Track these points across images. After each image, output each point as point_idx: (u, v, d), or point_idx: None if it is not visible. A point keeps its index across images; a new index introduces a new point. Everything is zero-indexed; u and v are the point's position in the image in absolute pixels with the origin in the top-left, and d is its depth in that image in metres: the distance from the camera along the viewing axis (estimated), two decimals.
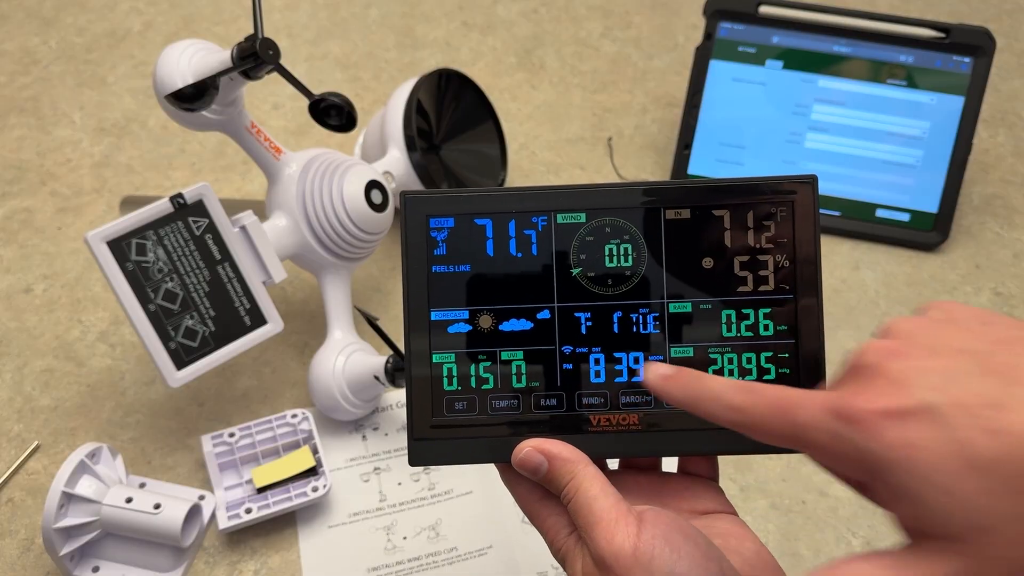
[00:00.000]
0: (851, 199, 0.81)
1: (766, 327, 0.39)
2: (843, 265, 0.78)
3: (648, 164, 0.88)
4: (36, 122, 0.91)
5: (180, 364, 0.57)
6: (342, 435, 0.64)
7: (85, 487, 0.54)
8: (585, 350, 0.39)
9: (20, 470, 0.62)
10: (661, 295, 0.39)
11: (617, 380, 0.39)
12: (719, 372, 0.39)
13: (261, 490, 0.59)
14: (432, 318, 0.39)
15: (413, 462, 0.39)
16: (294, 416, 0.62)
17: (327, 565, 0.57)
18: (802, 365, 0.39)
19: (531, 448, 0.37)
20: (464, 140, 0.78)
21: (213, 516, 0.58)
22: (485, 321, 0.39)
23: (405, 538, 0.59)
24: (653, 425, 0.39)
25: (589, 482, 0.35)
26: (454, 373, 0.39)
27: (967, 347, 0.28)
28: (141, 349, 0.70)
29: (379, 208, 0.64)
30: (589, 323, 0.39)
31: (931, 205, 0.80)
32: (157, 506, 0.55)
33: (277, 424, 0.62)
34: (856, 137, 0.81)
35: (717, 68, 0.83)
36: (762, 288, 0.39)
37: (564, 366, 0.39)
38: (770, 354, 0.39)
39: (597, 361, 0.39)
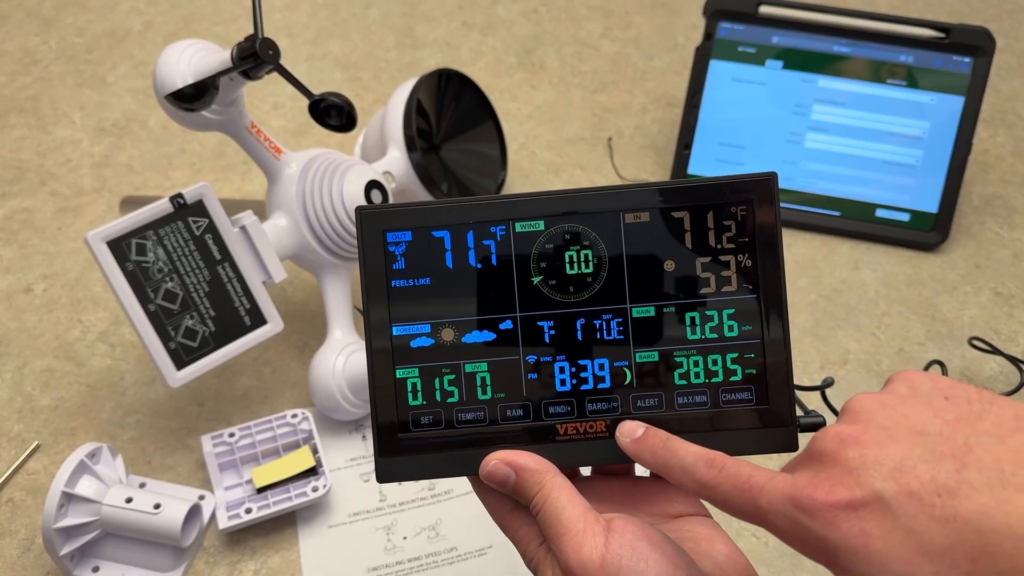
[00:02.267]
0: (851, 199, 0.81)
1: (731, 328, 0.38)
2: (843, 265, 0.79)
3: (648, 164, 0.88)
4: (36, 122, 0.91)
5: (180, 364, 0.57)
6: (342, 435, 0.64)
7: (85, 487, 0.54)
8: (549, 359, 0.39)
9: (20, 470, 0.62)
10: (624, 300, 0.39)
11: (583, 388, 0.39)
12: (685, 375, 0.38)
13: (261, 490, 0.59)
14: (394, 333, 0.39)
15: (381, 479, 0.39)
16: (294, 416, 0.62)
17: (327, 565, 0.57)
18: (768, 365, 0.38)
19: (498, 460, 0.37)
20: (464, 140, 0.78)
21: (213, 516, 0.58)
22: (447, 334, 0.39)
23: (405, 538, 0.59)
24: None
25: (557, 492, 0.35)
26: (418, 388, 0.39)
27: (925, 427, 0.29)
28: (141, 349, 0.70)
29: None
30: (552, 331, 0.39)
31: (931, 205, 0.80)
32: (157, 506, 0.55)
33: (277, 424, 0.62)
34: (856, 137, 0.81)
35: (717, 68, 0.83)
36: (725, 289, 0.38)
37: (529, 376, 0.39)
38: (736, 355, 0.38)
39: (562, 369, 0.39)
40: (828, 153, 0.81)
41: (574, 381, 0.39)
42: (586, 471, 0.43)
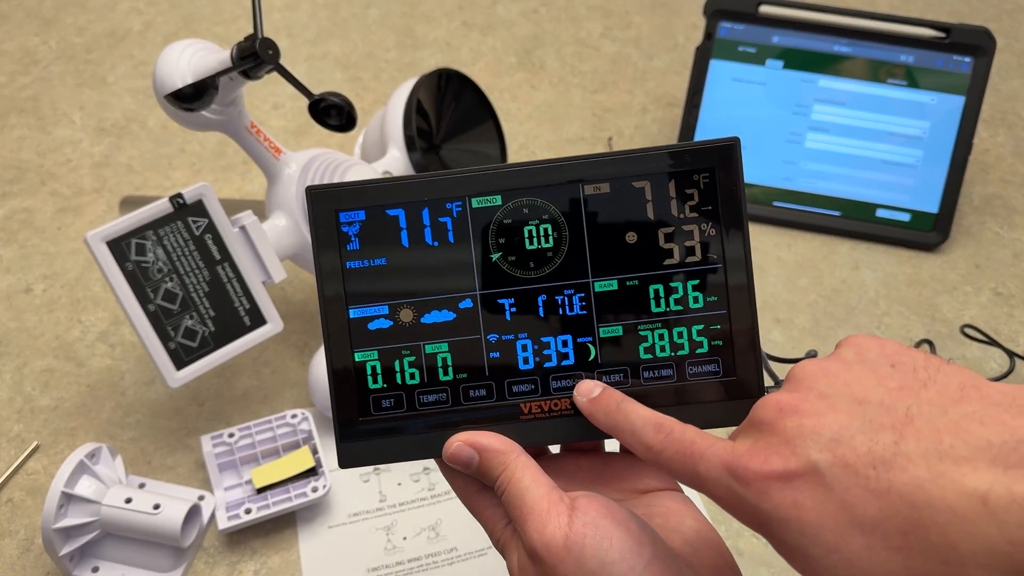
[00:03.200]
0: (851, 199, 0.81)
1: (695, 299, 0.37)
2: (843, 265, 0.78)
3: None
4: (36, 122, 0.91)
5: (180, 364, 0.57)
6: None
7: (85, 487, 0.54)
8: (511, 337, 0.38)
9: (20, 470, 0.62)
10: (586, 274, 0.38)
11: (547, 365, 0.38)
12: (650, 349, 0.38)
13: (261, 490, 0.59)
14: (351, 316, 0.38)
15: (343, 464, 0.38)
16: (294, 416, 0.62)
17: (327, 565, 0.57)
18: (735, 335, 0.37)
19: (461, 442, 0.36)
20: (464, 140, 0.78)
21: (213, 516, 0.58)
22: (406, 315, 0.38)
23: (405, 538, 0.59)
24: None
25: (521, 473, 0.35)
26: (378, 370, 0.38)
27: (867, 396, 0.29)
28: (141, 349, 0.70)
29: None
30: (513, 309, 0.38)
31: (931, 205, 0.80)
32: (157, 506, 0.55)
33: (277, 424, 0.62)
34: (856, 137, 0.81)
35: (717, 68, 0.83)
36: (689, 259, 0.37)
37: (491, 355, 0.38)
38: (701, 327, 0.37)
39: (525, 347, 0.38)
40: (828, 153, 0.81)
41: (537, 359, 0.38)
42: (555, 448, 0.42)
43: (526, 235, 0.38)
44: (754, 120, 0.83)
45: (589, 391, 0.36)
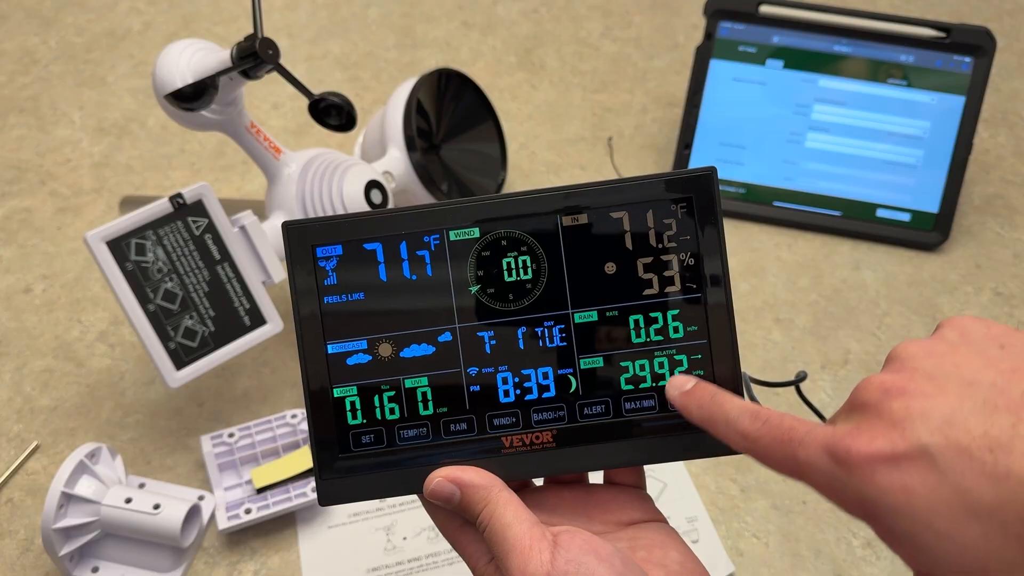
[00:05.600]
0: (851, 199, 0.81)
1: (676, 329, 0.37)
2: (844, 265, 0.78)
3: (648, 164, 0.88)
4: (36, 122, 0.91)
5: (179, 364, 0.57)
6: None
7: (84, 487, 0.54)
8: (491, 370, 0.38)
9: (20, 470, 0.62)
10: (565, 305, 0.38)
11: (528, 398, 0.38)
12: (632, 380, 0.37)
13: (261, 490, 0.59)
14: (329, 351, 0.37)
15: (324, 502, 0.38)
16: (294, 416, 0.62)
17: (327, 565, 0.57)
18: (716, 364, 0.37)
19: (441, 478, 0.36)
20: (464, 140, 0.78)
21: (213, 516, 0.58)
22: (385, 349, 0.38)
23: (405, 538, 0.59)
24: (567, 441, 0.38)
25: (502, 509, 0.34)
26: (357, 406, 0.37)
27: (977, 378, 0.27)
28: (141, 349, 0.70)
29: (379, 208, 0.64)
30: (493, 341, 0.37)
31: (932, 205, 0.79)
32: (156, 506, 0.55)
33: (277, 424, 0.62)
34: (856, 137, 0.81)
35: (717, 68, 0.83)
36: (668, 289, 0.37)
37: (471, 388, 0.38)
38: (683, 356, 0.37)
39: (505, 380, 0.38)
40: (829, 153, 0.81)
41: (518, 391, 0.38)
42: (538, 480, 0.41)
43: (505, 267, 0.38)
44: (754, 120, 0.83)
45: (682, 385, 0.36)
